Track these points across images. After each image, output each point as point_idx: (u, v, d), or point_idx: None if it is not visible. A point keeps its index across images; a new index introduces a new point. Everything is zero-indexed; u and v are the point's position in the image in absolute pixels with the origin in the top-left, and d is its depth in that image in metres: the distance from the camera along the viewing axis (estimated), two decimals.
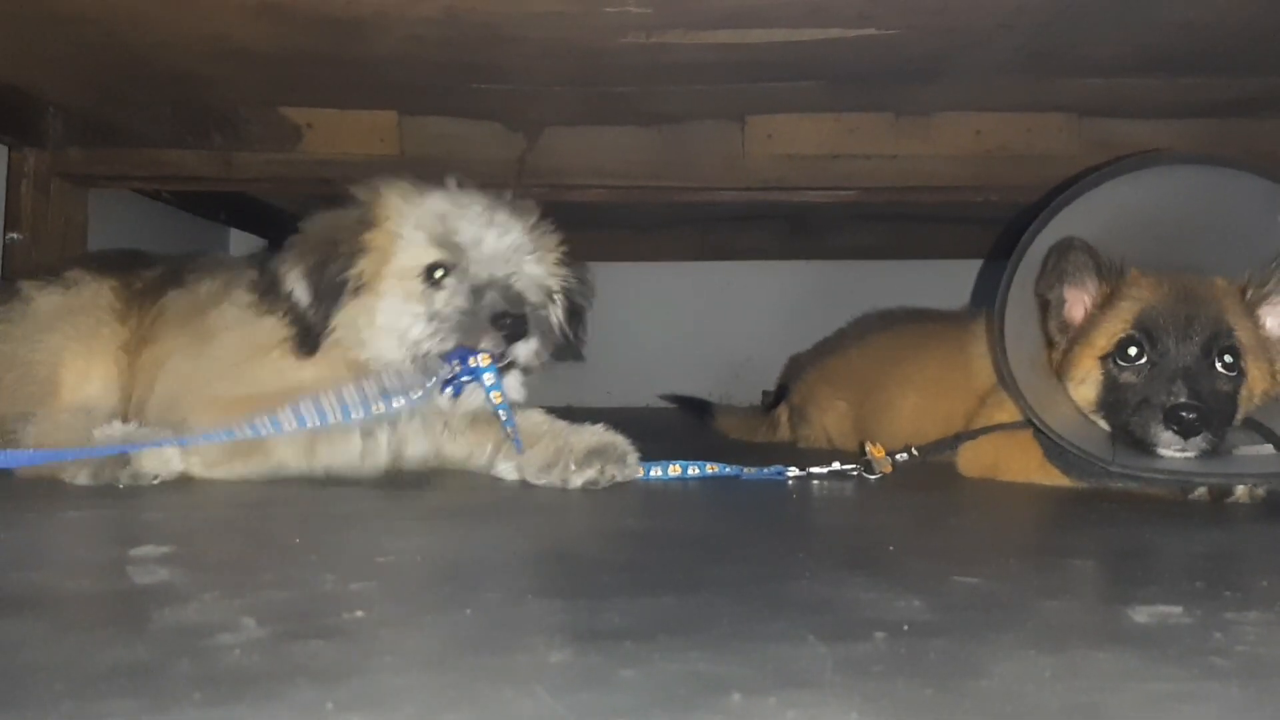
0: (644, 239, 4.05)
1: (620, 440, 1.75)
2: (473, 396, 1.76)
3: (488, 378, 1.67)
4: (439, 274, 1.72)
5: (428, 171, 2.54)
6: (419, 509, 1.49)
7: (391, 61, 2.29)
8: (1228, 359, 1.73)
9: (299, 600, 0.91)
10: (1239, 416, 1.76)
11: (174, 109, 2.62)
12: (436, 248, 1.72)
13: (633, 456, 1.74)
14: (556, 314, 1.91)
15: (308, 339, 1.71)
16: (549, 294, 1.88)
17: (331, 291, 1.70)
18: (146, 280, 1.96)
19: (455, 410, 1.79)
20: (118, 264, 2.01)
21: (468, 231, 1.74)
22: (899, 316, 2.80)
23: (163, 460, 1.62)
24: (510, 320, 1.68)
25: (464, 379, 1.70)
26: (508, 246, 1.77)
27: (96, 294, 1.92)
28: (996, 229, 3.43)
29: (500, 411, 1.70)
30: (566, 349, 1.94)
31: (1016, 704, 0.65)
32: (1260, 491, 1.63)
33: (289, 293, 1.71)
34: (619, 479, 1.71)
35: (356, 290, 1.71)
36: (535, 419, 1.79)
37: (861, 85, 2.46)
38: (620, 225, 3.85)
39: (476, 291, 1.70)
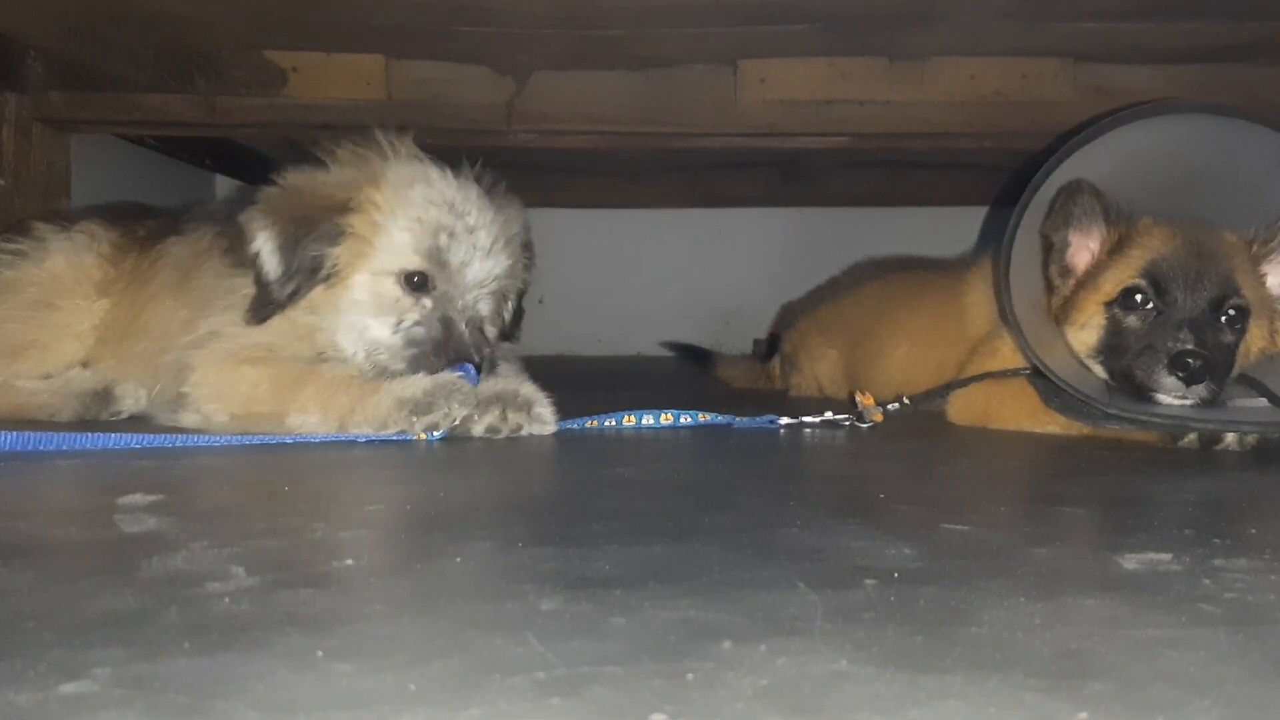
0: (634, 185, 4.02)
1: (528, 389, 1.69)
2: None
3: None
4: (416, 280, 1.65)
5: (415, 116, 2.52)
6: (408, 457, 1.48)
7: (378, 2, 2.24)
8: (1232, 314, 1.74)
9: (288, 549, 0.90)
10: (1235, 371, 1.76)
11: (156, 52, 2.57)
12: (422, 258, 1.65)
13: (542, 408, 1.67)
14: (508, 311, 1.85)
15: (264, 310, 1.64)
16: (506, 300, 1.83)
17: (304, 272, 1.63)
18: (148, 228, 1.98)
19: None
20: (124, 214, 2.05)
21: (458, 253, 1.66)
22: (892, 265, 2.79)
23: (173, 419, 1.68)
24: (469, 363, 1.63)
25: None
26: (488, 275, 1.70)
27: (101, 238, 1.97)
28: (991, 176, 3.41)
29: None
30: (501, 336, 1.87)
31: (1006, 651, 0.65)
32: (1250, 439, 1.64)
33: (255, 254, 1.64)
34: (527, 430, 1.65)
35: (328, 276, 1.65)
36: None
37: (855, 29, 2.42)
38: (610, 171, 3.82)
39: (448, 323, 1.65)
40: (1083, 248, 1.86)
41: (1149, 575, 0.84)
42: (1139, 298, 1.76)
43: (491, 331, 1.78)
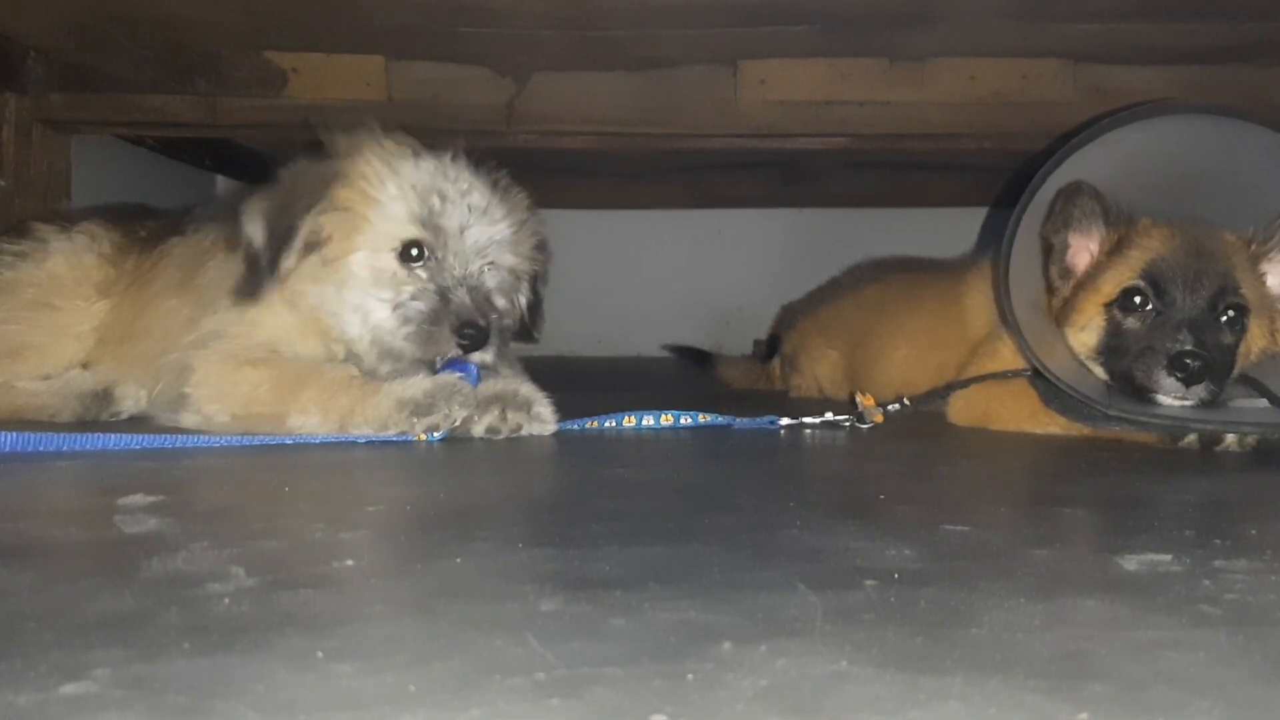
0: (634, 186, 4.02)
1: (528, 389, 1.69)
2: None
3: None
4: (414, 253, 1.65)
5: (416, 117, 2.52)
6: (408, 458, 1.48)
7: (378, 3, 2.24)
8: (1231, 314, 1.73)
9: (288, 549, 0.90)
10: (1235, 372, 1.76)
11: (156, 53, 2.57)
12: (418, 226, 1.64)
13: (541, 408, 1.68)
14: (522, 301, 1.84)
15: (252, 283, 1.65)
16: (519, 281, 1.82)
17: (281, 236, 1.63)
18: (149, 229, 1.98)
19: None
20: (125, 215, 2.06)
21: (454, 217, 1.66)
22: (892, 266, 2.79)
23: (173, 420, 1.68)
24: (473, 332, 1.62)
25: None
26: (489, 240, 1.70)
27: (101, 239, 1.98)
28: (991, 177, 3.41)
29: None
30: (523, 334, 1.87)
31: (1006, 652, 0.65)
32: (1251, 440, 1.64)
33: (249, 236, 1.66)
34: (526, 430, 1.66)
35: (324, 252, 1.65)
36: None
37: (855, 30, 2.42)
38: (610, 172, 3.82)
39: (445, 293, 1.63)
40: (1082, 249, 1.86)
41: (1149, 576, 0.84)
42: (1138, 298, 1.76)
43: (502, 303, 1.74)
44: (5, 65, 2.51)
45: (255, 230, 1.66)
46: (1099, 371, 1.82)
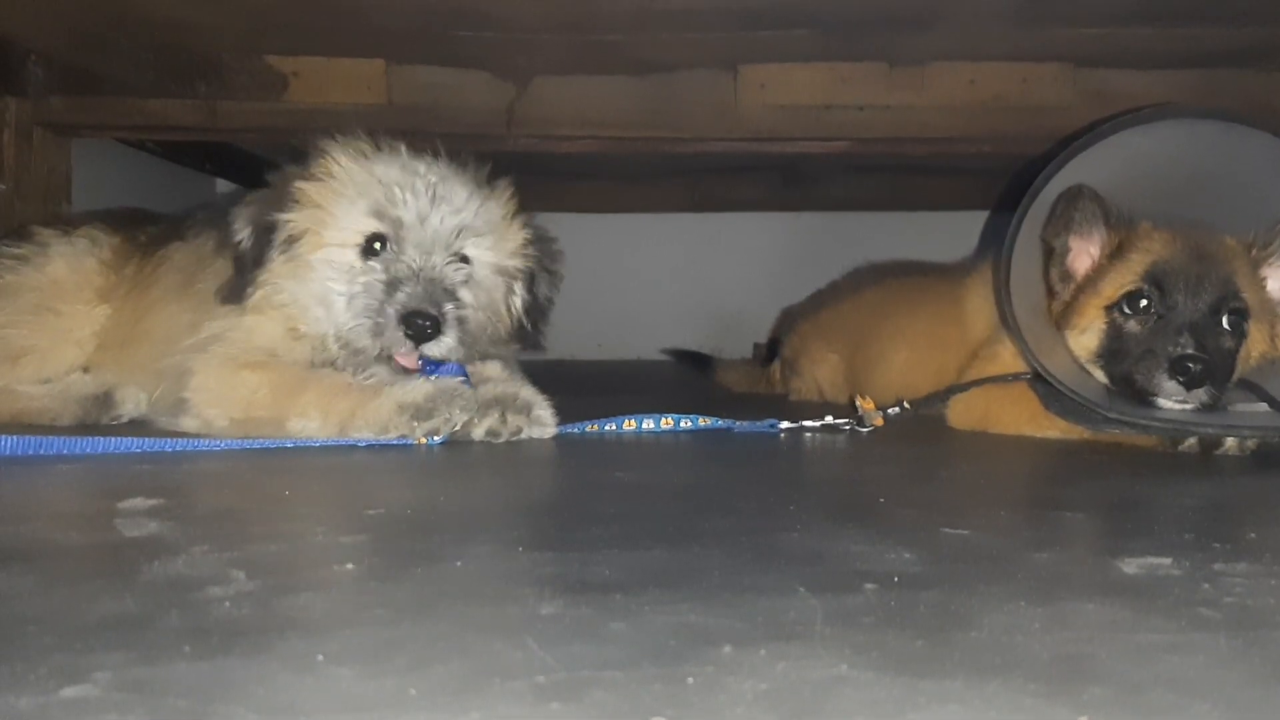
0: (634, 190, 4.02)
1: (528, 392, 1.70)
2: None
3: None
4: (377, 246, 1.65)
5: (416, 121, 2.52)
6: (408, 461, 1.48)
7: (378, 7, 2.25)
8: (1232, 318, 1.74)
9: (289, 553, 0.90)
10: (1235, 376, 1.76)
11: (157, 56, 2.57)
12: (375, 219, 1.65)
13: (541, 411, 1.68)
14: (515, 302, 1.82)
15: (238, 286, 1.67)
16: (509, 279, 1.80)
17: (263, 236, 1.66)
18: (150, 234, 1.99)
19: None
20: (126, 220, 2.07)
21: (412, 207, 1.65)
22: (892, 269, 2.79)
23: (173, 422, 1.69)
24: (420, 322, 1.60)
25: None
26: (452, 229, 1.68)
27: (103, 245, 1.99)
28: (991, 180, 3.41)
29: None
30: (526, 337, 1.85)
31: (1006, 655, 0.65)
32: (1251, 444, 1.64)
33: (238, 241, 1.69)
34: (526, 433, 1.66)
35: (292, 249, 1.67)
36: (487, 372, 1.76)
37: (855, 34, 2.43)
38: (610, 176, 3.83)
39: (393, 284, 1.62)
40: (1083, 252, 1.87)
41: (1149, 580, 0.84)
42: (1141, 301, 1.76)
43: (469, 297, 1.70)
44: (6, 68, 2.51)
45: (243, 232, 1.68)
46: (1099, 375, 1.82)
